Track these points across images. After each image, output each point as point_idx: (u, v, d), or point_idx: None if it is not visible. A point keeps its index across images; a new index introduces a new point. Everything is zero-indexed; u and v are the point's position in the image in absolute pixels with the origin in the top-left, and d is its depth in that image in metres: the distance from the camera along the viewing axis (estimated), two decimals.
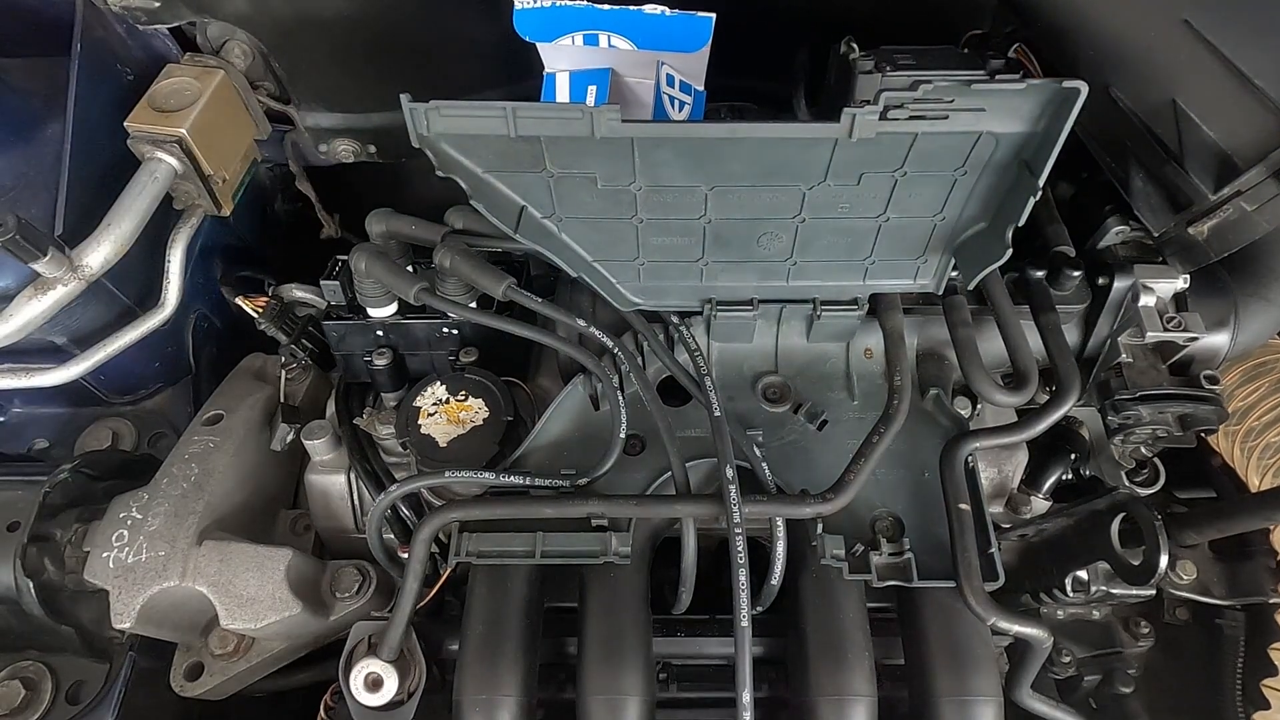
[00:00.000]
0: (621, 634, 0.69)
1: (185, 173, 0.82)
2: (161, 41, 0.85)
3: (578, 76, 0.75)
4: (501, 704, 0.67)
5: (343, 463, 0.87)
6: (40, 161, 0.85)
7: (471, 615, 0.70)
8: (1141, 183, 0.68)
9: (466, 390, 0.79)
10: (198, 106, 0.80)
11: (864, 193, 0.66)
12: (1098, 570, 0.82)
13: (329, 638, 0.82)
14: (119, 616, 0.74)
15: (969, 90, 0.57)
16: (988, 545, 0.69)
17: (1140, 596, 0.84)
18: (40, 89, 0.90)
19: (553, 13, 0.71)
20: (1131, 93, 0.64)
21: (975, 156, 0.63)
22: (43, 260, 0.72)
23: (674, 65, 0.76)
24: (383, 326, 0.85)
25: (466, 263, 0.76)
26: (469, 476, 0.71)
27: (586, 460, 0.74)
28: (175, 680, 0.79)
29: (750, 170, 0.63)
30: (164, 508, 0.79)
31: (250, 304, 0.96)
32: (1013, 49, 0.76)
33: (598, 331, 0.73)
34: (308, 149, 0.96)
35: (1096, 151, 0.72)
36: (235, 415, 0.88)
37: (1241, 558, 0.88)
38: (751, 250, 0.72)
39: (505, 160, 0.64)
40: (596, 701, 0.67)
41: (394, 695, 0.69)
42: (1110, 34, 0.65)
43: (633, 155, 0.62)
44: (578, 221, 0.70)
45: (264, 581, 0.76)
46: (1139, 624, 0.88)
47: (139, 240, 0.79)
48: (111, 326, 0.86)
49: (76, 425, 1.00)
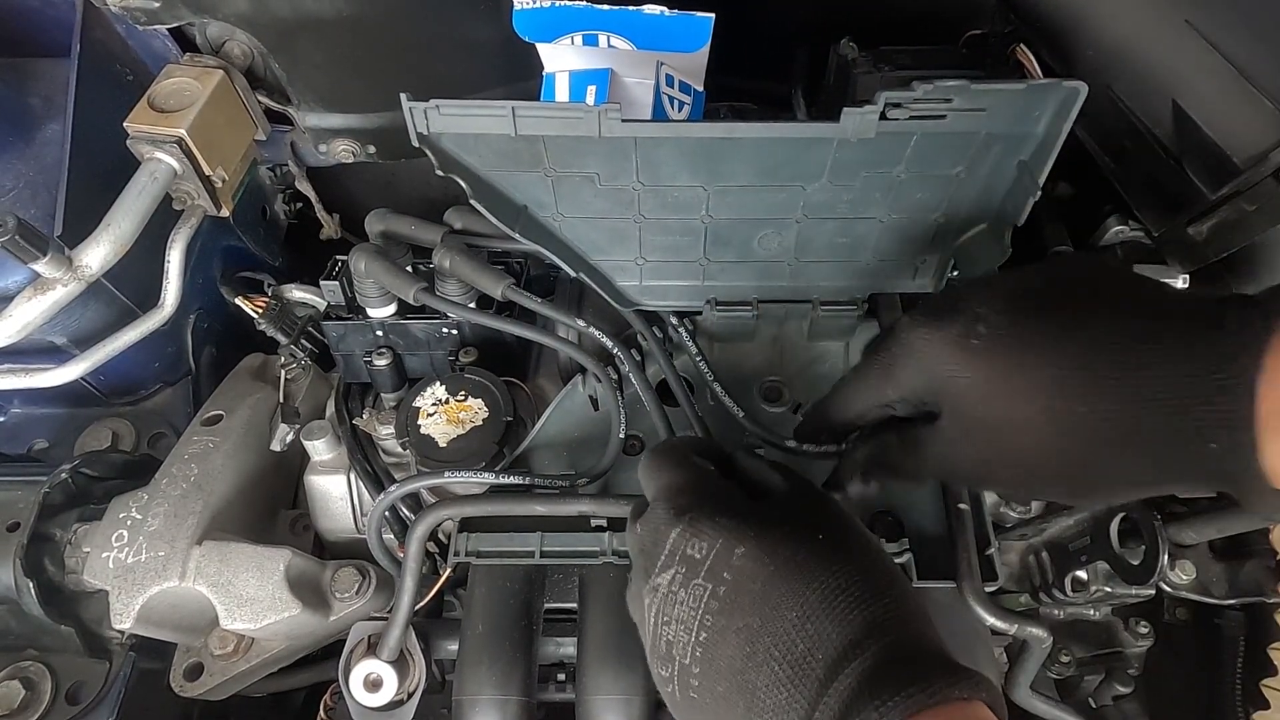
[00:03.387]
0: (621, 634, 0.69)
1: (185, 173, 0.81)
2: (161, 42, 0.85)
3: (577, 76, 0.76)
4: (501, 704, 0.67)
5: (343, 463, 0.87)
6: (40, 162, 0.85)
7: (471, 615, 0.71)
8: (1141, 183, 0.68)
9: (466, 390, 0.79)
10: (197, 107, 0.80)
11: (863, 193, 0.66)
12: (1097, 570, 0.82)
13: (329, 638, 0.82)
14: (119, 617, 0.74)
15: (969, 90, 0.57)
16: (987, 545, 0.69)
17: (1140, 596, 0.84)
18: (40, 89, 0.90)
19: (552, 13, 0.71)
20: (1131, 93, 0.64)
21: (975, 157, 0.63)
22: (42, 261, 0.72)
23: (673, 65, 0.76)
24: (382, 327, 0.85)
25: (466, 263, 0.76)
26: (468, 477, 0.72)
27: (586, 460, 0.74)
28: (175, 680, 0.79)
29: (750, 170, 0.64)
30: (164, 508, 0.79)
31: (250, 304, 0.96)
32: (1012, 49, 0.76)
33: (597, 332, 0.73)
34: (307, 149, 0.96)
35: (1096, 151, 0.72)
36: (235, 415, 0.88)
37: (1241, 558, 0.88)
38: (751, 250, 0.72)
39: (505, 160, 0.64)
40: (596, 701, 0.67)
41: (394, 695, 0.70)
42: (1111, 34, 0.65)
43: (634, 155, 0.62)
44: (578, 221, 0.70)
45: (264, 581, 0.76)
46: (1139, 624, 0.88)
47: (139, 240, 0.79)
48: (111, 327, 0.86)
49: (76, 425, 0.99)
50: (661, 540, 0.45)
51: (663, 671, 0.44)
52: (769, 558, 0.42)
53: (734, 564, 0.42)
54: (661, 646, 0.43)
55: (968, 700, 0.37)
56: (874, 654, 0.38)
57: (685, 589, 0.42)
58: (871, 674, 0.38)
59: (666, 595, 0.43)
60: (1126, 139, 0.66)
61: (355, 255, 0.79)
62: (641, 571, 0.47)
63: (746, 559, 0.42)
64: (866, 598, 0.41)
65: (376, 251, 0.79)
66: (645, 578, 0.46)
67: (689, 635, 0.42)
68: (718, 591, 0.42)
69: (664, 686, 0.45)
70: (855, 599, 0.40)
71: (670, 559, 0.44)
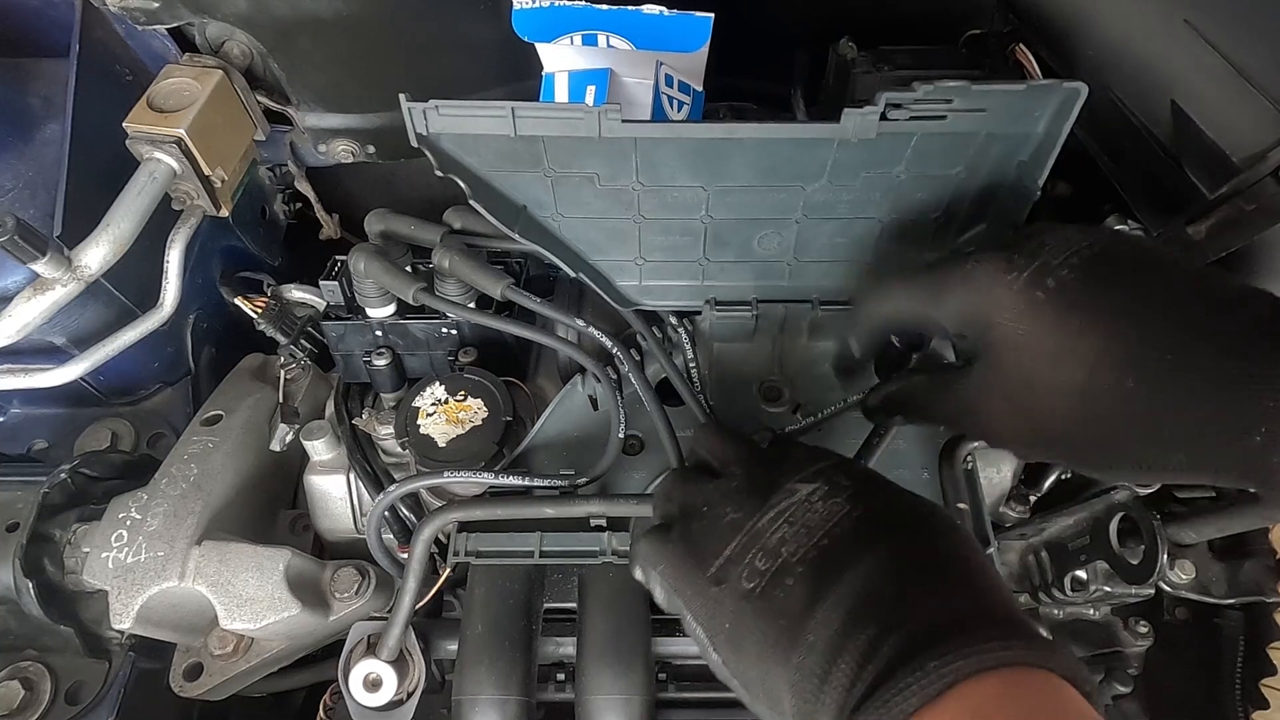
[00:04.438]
0: (621, 634, 0.69)
1: (184, 173, 0.81)
2: (160, 42, 0.85)
3: (576, 76, 0.76)
4: (501, 704, 0.67)
5: (342, 463, 0.87)
6: (39, 162, 0.85)
7: (471, 615, 0.70)
8: (1140, 182, 0.68)
9: (465, 390, 0.79)
10: (196, 107, 0.80)
11: (863, 193, 0.66)
12: (1097, 570, 0.82)
13: (329, 638, 0.82)
14: (118, 617, 0.74)
15: (969, 91, 0.57)
16: (987, 544, 0.69)
17: (1139, 596, 0.84)
18: (40, 89, 0.90)
19: (552, 13, 0.71)
20: (1130, 93, 0.64)
21: (975, 157, 0.63)
22: (42, 261, 0.72)
23: (673, 65, 0.76)
24: (382, 327, 0.85)
25: (465, 263, 0.76)
26: (468, 477, 0.72)
27: (586, 460, 0.74)
28: (175, 680, 0.79)
29: (750, 170, 0.64)
30: (163, 508, 0.79)
31: (249, 304, 0.96)
32: (1011, 49, 0.76)
33: (597, 331, 0.73)
34: (307, 149, 0.96)
35: (1095, 151, 0.72)
36: (234, 415, 0.88)
37: (1241, 557, 0.88)
38: (750, 250, 0.72)
39: (505, 160, 0.64)
40: (596, 701, 0.67)
41: (393, 695, 0.69)
42: (1110, 34, 0.65)
43: (634, 155, 0.62)
44: (577, 221, 0.70)
45: (263, 581, 0.76)
46: (1138, 623, 0.88)
47: (138, 241, 0.79)
48: (111, 327, 0.86)
49: (76, 425, 0.99)
50: (808, 463, 0.49)
51: (754, 565, 0.46)
52: (894, 504, 0.47)
53: (873, 499, 0.47)
54: (771, 540, 0.46)
55: (1032, 667, 0.37)
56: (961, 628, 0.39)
57: (824, 502, 0.46)
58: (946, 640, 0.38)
59: (803, 502, 0.46)
60: (1125, 139, 0.66)
61: (354, 255, 0.79)
62: (765, 481, 0.50)
63: (879, 500, 0.47)
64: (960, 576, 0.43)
65: (376, 251, 0.79)
66: (769, 490, 0.48)
67: (809, 539, 0.45)
68: (852, 514, 0.45)
69: (731, 574, 0.46)
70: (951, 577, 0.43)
71: (815, 477, 0.48)
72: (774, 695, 0.43)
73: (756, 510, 0.47)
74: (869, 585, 0.41)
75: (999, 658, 0.36)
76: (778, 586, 0.44)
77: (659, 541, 0.52)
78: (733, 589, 0.46)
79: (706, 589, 0.47)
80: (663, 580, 0.51)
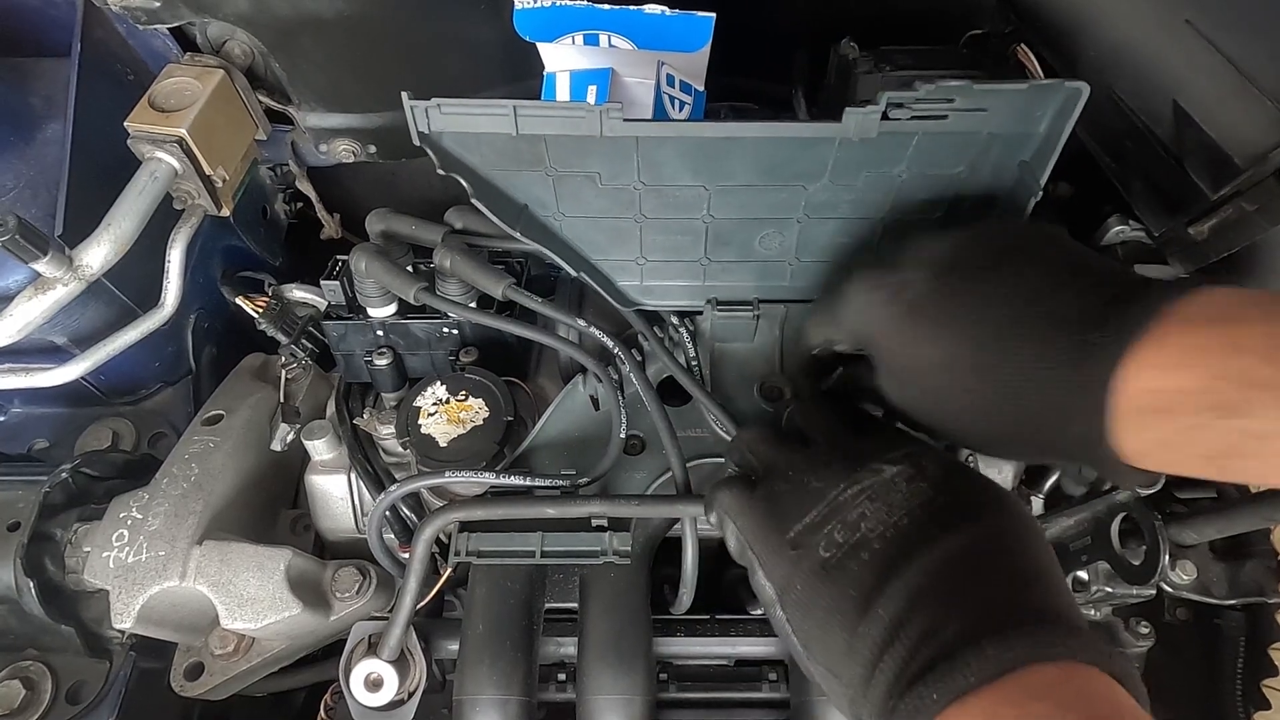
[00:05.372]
0: (622, 634, 0.69)
1: (185, 173, 0.81)
2: (161, 41, 0.85)
3: (578, 76, 0.76)
4: (502, 704, 0.67)
5: (343, 463, 0.87)
6: (40, 161, 0.85)
7: (471, 615, 0.70)
8: (1141, 183, 0.68)
9: (467, 390, 0.79)
10: (198, 106, 0.80)
11: (865, 193, 0.66)
12: (1098, 570, 0.82)
13: (329, 638, 0.82)
14: (119, 616, 0.74)
15: (971, 90, 0.57)
16: None
17: (1140, 596, 0.84)
18: (41, 89, 0.90)
19: (553, 13, 0.72)
20: (1132, 93, 0.64)
21: (976, 157, 0.63)
22: (43, 260, 0.72)
23: (674, 65, 0.76)
24: (383, 326, 0.85)
25: (466, 262, 0.76)
26: (469, 476, 0.71)
27: (587, 460, 0.74)
28: (175, 680, 0.79)
29: (751, 170, 0.64)
30: (164, 508, 0.79)
31: (250, 304, 0.96)
32: (1013, 49, 0.76)
33: (598, 331, 0.73)
34: (308, 149, 0.97)
35: (1096, 151, 0.72)
36: (235, 415, 0.88)
37: (1241, 558, 0.88)
38: (752, 250, 0.72)
39: (507, 159, 0.64)
40: (597, 701, 0.67)
41: (394, 695, 0.69)
42: (1111, 34, 0.65)
43: (635, 155, 0.62)
44: (579, 220, 0.70)
45: (264, 581, 0.76)
46: (1139, 624, 0.88)
47: (139, 240, 0.79)
48: (111, 326, 0.86)
49: (76, 425, 0.99)
50: (896, 445, 0.52)
51: (833, 536, 0.47)
52: (973, 494, 0.49)
53: (954, 487, 0.49)
54: (852, 515, 0.47)
55: (1088, 664, 0.38)
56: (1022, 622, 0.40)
57: (908, 484, 0.48)
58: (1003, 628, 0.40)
59: (888, 481, 0.48)
60: (1127, 139, 0.66)
61: (356, 255, 0.79)
62: (853, 456, 0.51)
63: (960, 487, 0.49)
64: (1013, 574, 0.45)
65: (377, 251, 0.79)
66: (856, 466, 0.50)
67: (889, 518, 0.46)
68: (933, 499, 0.47)
69: (809, 541, 0.48)
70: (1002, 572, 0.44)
71: (902, 459, 0.50)
72: (832, 657, 0.45)
73: (841, 483, 0.49)
74: (941, 569, 0.43)
75: (1057, 650, 0.38)
76: (853, 559, 0.46)
77: (743, 496, 0.54)
78: (809, 555, 0.47)
79: (784, 550, 0.49)
80: (739, 533, 0.53)
